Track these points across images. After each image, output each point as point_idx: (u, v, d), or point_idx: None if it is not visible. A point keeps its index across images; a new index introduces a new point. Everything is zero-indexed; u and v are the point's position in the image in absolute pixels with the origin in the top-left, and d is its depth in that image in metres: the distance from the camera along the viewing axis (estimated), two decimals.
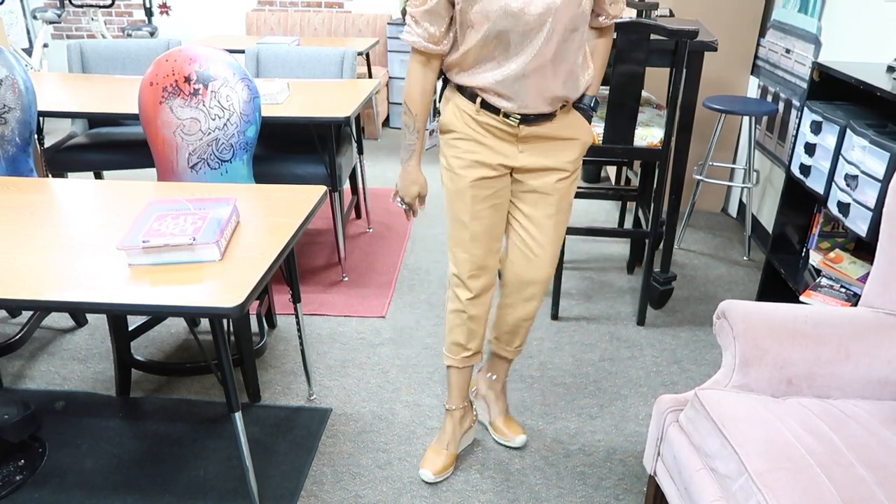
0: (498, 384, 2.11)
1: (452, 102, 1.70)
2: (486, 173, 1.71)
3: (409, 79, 1.67)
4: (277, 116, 2.62)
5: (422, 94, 1.67)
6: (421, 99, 1.68)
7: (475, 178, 1.71)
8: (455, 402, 1.98)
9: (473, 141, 1.69)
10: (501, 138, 1.68)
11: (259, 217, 1.79)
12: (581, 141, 1.75)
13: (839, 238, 2.45)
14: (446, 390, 2.31)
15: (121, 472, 1.94)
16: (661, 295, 2.81)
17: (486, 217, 1.75)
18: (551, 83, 1.60)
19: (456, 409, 1.99)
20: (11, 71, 2.27)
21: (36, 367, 2.41)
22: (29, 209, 1.85)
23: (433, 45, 1.60)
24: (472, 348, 1.90)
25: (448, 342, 1.92)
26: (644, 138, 2.44)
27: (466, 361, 1.92)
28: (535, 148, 1.71)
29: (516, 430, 2.08)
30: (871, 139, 1.92)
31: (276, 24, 5.50)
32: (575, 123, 1.73)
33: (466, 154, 1.70)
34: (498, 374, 2.09)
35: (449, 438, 1.98)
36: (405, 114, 1.70)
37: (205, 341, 2.57)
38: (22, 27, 5.85)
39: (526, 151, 1.70)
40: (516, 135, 1.68)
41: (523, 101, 1.61)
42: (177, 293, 1.43)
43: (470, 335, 1.88)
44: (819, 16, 2.94)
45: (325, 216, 3.71)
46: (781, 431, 1.35)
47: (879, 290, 1.62)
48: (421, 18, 1.57)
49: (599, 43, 1.75)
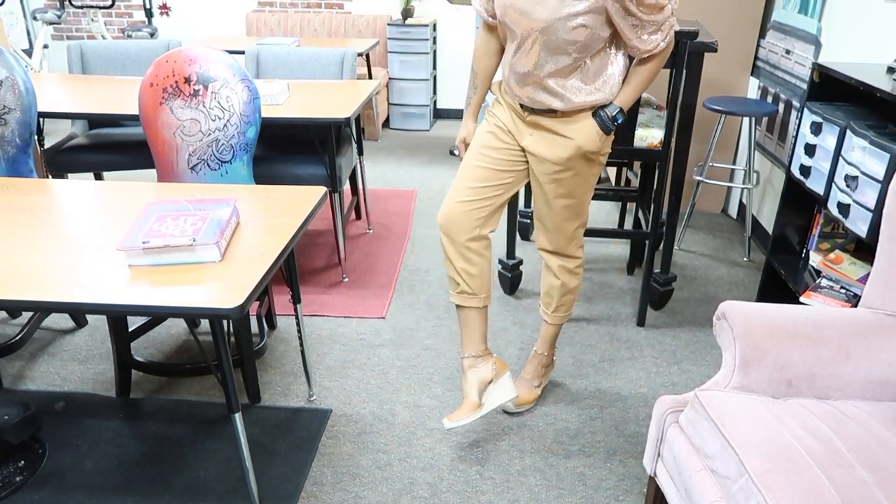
0: (537, 353, 2.24)
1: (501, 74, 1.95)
2: (506, 140, 1.94)
3: (476, 42, 1.98)
4: (277, 117, 2.62)
5: (483, 55, 1.98)
6: (482, 60, 1.98)
7: (491, 128, 1.96)
8: (464, 350, 2.05)
9: (503, 108, 1.94)
10: (518, 116, 1.91)
11: (259, 218, 1.79)
12: (576, 143, 1.83)
13: (839, 239, 2.45)
14: (447, 391, 2.31)
15: (121, 473, 1.94)
16: (661, 296, 2.81)
17: (488, 160, 1.94)
18: (532, 87, 1.80)
19: (465, 358, 2.05)
20: (11, 72, 2.28)
21: (36, 368, 2.41)
22: (29, 210, 1.85)
23: (490, 17, 1.88)
24: (462, 286, 1.99)
25: (448, 277, 2.06)
26: (644, 139, 2.45)
27: (466, 300, 2.00)
28: (539, 136, 1.88)
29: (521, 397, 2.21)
30: (871, 140, 1.92)
31: (276, 25, 5.51)
32: (577, 126, 1.83)
33: (495, 116, 1.97)
34: (541, 344, 2.23)
35: (464, 386, 2.04)
36: (472, 71, 2.03)
37: (205, 342, 2.57)
38: (22, 28, 5.86)
39: (533, 136, 1.89)
40: (523, 119, 1.89)
41: (514, 92, 1.85)
42: (177, 294, 1.43)
43: (458, 272, 1.98)
44: (819, 17, 2.95)
45: (325, 217, 3.71)
46: (781, 432, 1.35)
47: (879, 291, 1.62)
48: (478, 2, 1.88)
49: (641, 69, 1.80)
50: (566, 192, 1.93)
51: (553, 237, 2.05)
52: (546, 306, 2.18)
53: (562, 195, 1.94)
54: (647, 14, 1.62)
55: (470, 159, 1.97)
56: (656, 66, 1.78)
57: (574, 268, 2.10)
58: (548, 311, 2.17)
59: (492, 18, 1.87)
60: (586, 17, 1.61)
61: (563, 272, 2.10)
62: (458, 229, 1.94)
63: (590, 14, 1.61)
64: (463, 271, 1.97)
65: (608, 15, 1.63)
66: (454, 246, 1.96)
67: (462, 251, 1.96)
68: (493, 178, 1.95)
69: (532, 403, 2.24)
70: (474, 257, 1.97)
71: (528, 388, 2.24)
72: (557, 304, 2.14)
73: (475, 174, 1.95)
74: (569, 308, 2.17)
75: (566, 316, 2.18)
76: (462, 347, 2.06)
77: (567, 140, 1.83)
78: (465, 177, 1.96)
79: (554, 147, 1.86)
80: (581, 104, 1.78)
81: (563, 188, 1.92)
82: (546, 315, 2.19)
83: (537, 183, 1.96)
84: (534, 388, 2.25)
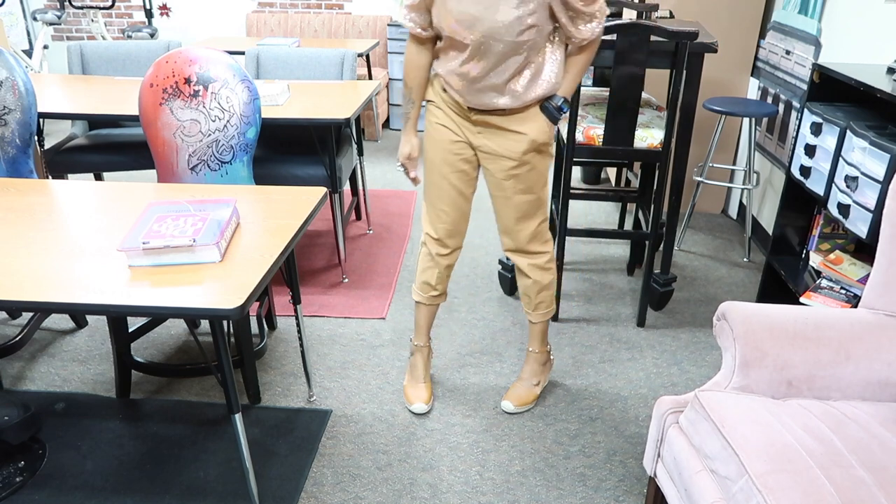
0: (529, 351, 2.28)
1: (435, 78, 1.98)
2: (453, 137, 1.97)
3: (406, 56, 1.96)
4: (277, 118, 2.62)
5: (415, 69, 1.95)
6: (414, 74, 1.96)
7: (446, 141, 1.98)
8: (423, 340, 2.28)
9: (445, 112, 1.97)
10: (462, 116, 1.94)
11: (259, 218, 1.79)
12: (529, 137, 1.91)
13: (839, 240, 2.45)
14: (447, 392, 2.31)
15: (121, 474, 1.94)
16: (661, 296, 2.81)
17: (452, 178, 2.01)
18: (486, 91, 1.84)
19: (424, 346, 2.28)
20: (11, 72, 2.28)
21: (36, 369, 2.41)
22: (29, 211, 1.85)
23: (422, 30, 1.87)
24: (439, 290, 2.19)
25: (420, 281, 2.19)
26: (644, 140, 2.45)
27: (433, 300, 2.21)
28: (489, 133, 1.94)
29: (512, 396, 2.25)
30: (872, 141, 1.92)
31: (277, 26, 5.51)
32: (528, 119, 1.90)
33: (438, 120, 1.98)
34: (531, 342, 2.27)
35: (423, 372, 2.28)
36: (404, 86, 2.00)
37: (205, 343, 2.57)
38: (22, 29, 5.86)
39: (482, 134, 1.94)
40: (469, 118, 1.93)
41: (470, 98, 1.87)
42: (177, 295, 1.43)
43: (439, 278, 2.16)
44: (819, 17, 2.95)
45: (325, 218, 3.71)
46: (781, 433, 1.35)
47: (880, 292, 1.62)
48: (409, 10, 1.86)
49: (578, 58, 1.89)
50: (525, 188, 1.98)
51: (518, 236, 2.07)
52: (527, 306, 2.20)
53: (521, 191, 1.98)
54: (585, 6, 1.74)
55: (435, 177, 2.03)
56: (592, 52, 1.88)
57: (544, 263, 2.12)
58: (529, 310, 2.20)
59: (424, 31, 1.87)
60: (535, 16, 1.70)
61: (533, 269, 2.12)
62: (443, 247, 2.11)
63: (537, 13, 1.70)
64: (442, 276, 2.16)
65: (551, 10, 1.73)
66: (440, 259, 2.12)
67: (447, 262, 2.14)
68: (464, 190, 2.04)
69: (532, 403, 2.24)
70: (452, 264, 2.16)
71: (528, 388, 2.24)
72: (536, 302, 2.17)
73: (448, 196, 2.04)
74: (549, 304, 2.19)
75: (549, 312, 2.20)
76: (417, 337, 2.27)
77: (520, 135, 1.90)
78: (439, 199, 2.05)
79: (507, 142, 1.92)
80: (531, 100, 1.85)
81: (521, 184, 1.97)
82: (529, 315, 2.22)
83: (495, 183, 2.00)
84: (533, 388, 2.25)
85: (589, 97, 2.88)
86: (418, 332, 2.27)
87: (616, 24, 2.23)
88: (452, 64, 1.84)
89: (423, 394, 2.23)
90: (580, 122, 2.52)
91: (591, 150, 2.48)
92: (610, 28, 2.22)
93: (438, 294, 2.20)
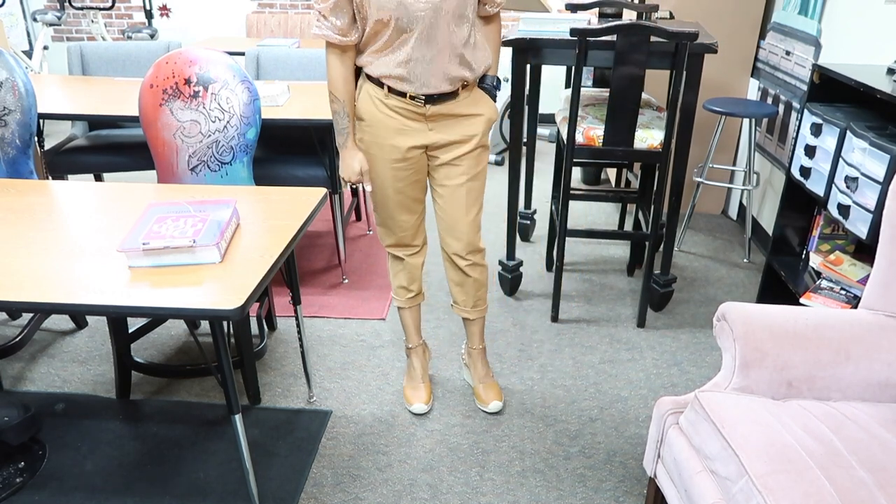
0: (474, 350, 2.28)
1: (364, 90, 1.87)
2: (401, 155, 1.91)
3: (329, 70, 1.83)
4: (278, 119, 2.62)
5: (343, 81, 1.83)
6: (343, 86, 1.84)
7: (393, 160, 1.92)
8: (414, 341, 2.29)
9: (385, 127, 1.88)
10: (411, 118, 1.87)
11: (259, 219, 1.79)
12: (485, 117, 1.93)
13: (839, 240, 2.45)
14: (447, 392, 2.31)
15: (121, 475, 1.94)
16: (661, 297, 2.81)
17: (407, 190, 1.99)
18: (447, 65, 1.78)
19: (417, 346, 2.30)
20: (11, 73, 2.28)
21: (36, 370, 2.41)
22: (29, 211, 1.85)
23: (342, 37, 1.76)
24: (415, 289, 2.20)
25: (395, 287, 2.20)
26: (644, 140, 2.45)
27: (412, 301, 2.22)
28: (443, 125, 1.90)
29: (491, 397, 2.24)
30: (872, 141, 1.92)
31: (277, 27, 5.51)
32: (478, 101, 1.92)
33: (380, 138, 1.90)
34: (471, 339, 2.27)
35: (421, 373, 2.29)
36: (333, 102, 1.86)
37: (205, 343, 2.57)
38: (22, 29, 5.86)
39: (435, 129, 1.90)
40: (424, 114, 1.86)
41: (422, 83, 1.79)
42: (177, 295, 1.43)
43: (411, 278, 2.17)
44: (819, 18, 2.95)
45: (325, 218, 3.71)
46: (781, 434, 1.35)
47: (880, 293, 1.62)
48: (328, 14, 1.72)
49: (490, 29, 1.94)
50: (476, 173, 1.98)
51: (466, 236, 2.03)
52: (464, 305, 2.18)
53: (473, 177, 1.97)
54: None
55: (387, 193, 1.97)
56: (499, 24, 1.95)
57: (481, 259, 2.11)
58: (467, 308, 2.19)
59: (344, 37, 1.75)
60: None
61: (473, 268, 2.10)
62: (410, 247, 2.12)
63: None
64: (415, 276, 2.17)
65: None
66: (411, 259, 2.14)
67: (418, 261, 2.16)
68: (419, 195, 2.03)
69: (501, 399, 2.25)
70: (423, 260, 2.19)
71: (492, 384, 2.28)
72: (475, 299, 2.17)
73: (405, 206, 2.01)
74: (486, 298, 2.20)
75: (486, 306, 2.22)
76: (409, 339, 2.29)
77: (476, 117, 1.91)
78: (397, 211, 2.02)
79: (464, 127, 1.91)
80: (482, 70, 1.88)
81: (474, 168, 1.96)
82: (468, 313, 2.20)
83: (447, 179, 1.96)
84: (493, 380, 2.29)
85: (589, 98, 2.88)
86: (409, 335, 2.28)
87: (616, 24, 2.23)
88: (399, 54, 1.75)
89: (423, 394, 2.24)
90: (580, 122, 2.52)
91: (590, 151, 2.48)
92: (610, 28, 2.22)
93: (415, 294, 2.20)
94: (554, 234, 3.20)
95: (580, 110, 2.67)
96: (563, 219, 2.60)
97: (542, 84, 3.68)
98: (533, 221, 3.46)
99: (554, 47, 2.47)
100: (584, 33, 2.26)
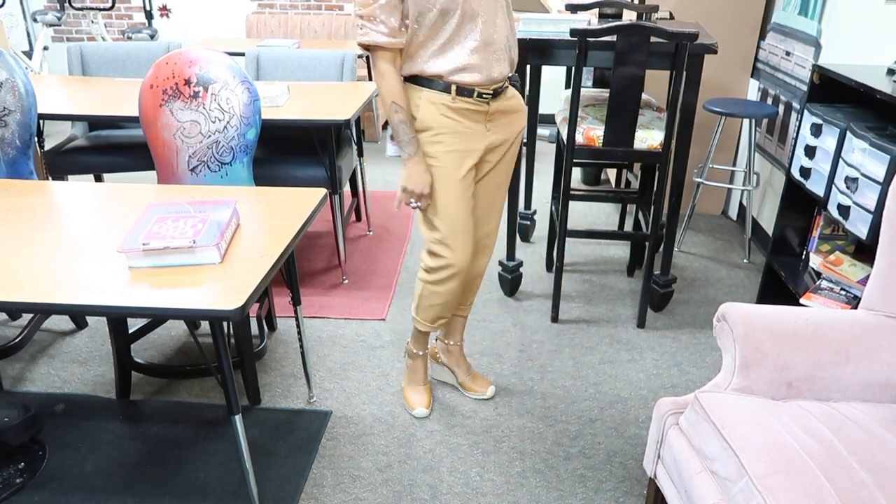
0: (456, 348, 2.30)
1: (426, 99, 1.79)
2: (473, 161, 1.87)
3: (384, 79, 1.74)
4: (277, 119, 2.62)
5: (402, 88, 1.77)
6: (403, 93, 1.77)
7: (467, 169, 1.86)
8: (423, 348, 2.24)
9: (453, 133, 1.82)
10: (475, 121, 1.85)
11: (259, 220, 1.79)
12: (524, 111, 1.99)
13: (839, 241, 2.45)
14: (447, 392, 2.31)
15: (121, 475, 1.94)
16: (661, 297, 2.81)
17: (469, 200, 1.92)
18: (503, 53, 1.79)
19: (425, 353, 2.25)
20: (11, 73, 2.28)
21: (36, 370, 2.41)
22: (29, 212, 1.85)
23: (392, 38, 1.69)
24: (449, 315, 2.10)
25: (431, 316, 2.06)
26: (644, 141, 2.45)
27: (442, 326, 2.16)
28: (498, 124, 1.90)
29: (485, 384, 2.30)
30: (872, 142, 1.92)
31: (277, 27, 5.51)
32: (515, 94, 1.95)
33: (453, 146, 1.83)
34: (454, 335, 2.28)
35: (423, 376, 2.27)
36: (397, 112, 1.76)
37: (205, 344, 2.57)
38: (22, 30, 5.86)
39: (492, 129, 1.90)
40: (486, 112, 1.85)
41: (489, 70, 1.77)
42: (177, 296, 1.43)
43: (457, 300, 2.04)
44: (819, 18, 2.95)
45: (325, 219, 3.71)
46: (782, 434, 1.35)
47: (880, 293, 1.62)
48: (379, 13, 1.65)
49: None
50: (508, 168, 2.01)
51: (491, 241, 2.09)
52: (462, 304, 2.21)
53: (506, 172, 2.01)
54: None
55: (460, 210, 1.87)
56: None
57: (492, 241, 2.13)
58: (465, 305, 2.22)
59: (394, 38, 1.69)
60: None
61: (487, 250, 2.13)
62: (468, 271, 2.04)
63: None
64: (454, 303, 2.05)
65: None
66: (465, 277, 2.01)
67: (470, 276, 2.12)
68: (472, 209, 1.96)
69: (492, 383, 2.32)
70: None
71: (478, 376, 2.32)
72: (476, 290, 2.20)
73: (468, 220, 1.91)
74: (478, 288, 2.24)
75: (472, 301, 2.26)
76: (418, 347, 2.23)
77: (521, 113, 1.96)
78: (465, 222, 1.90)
79: (513, 124, 1.94)
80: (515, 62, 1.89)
81: (510, 165, 2.00)
82: (464, 310, 2.23)
83: (490, 178, 1.98)
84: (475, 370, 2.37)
85: (589, 98, 2.88)
86: (418, 344, 2.21)
87: (616, 25, 2.23)
88: (468, 42, 1.71)
89: (425, 398, 2.24)
90: (580, 123, 2.52)
91: (591, 151, 2.48)
92: (610, 29, 2.22)
93: (447, 319, 2.13)
94: (554, 234, 3.20)
95: (580, 111, 2.67)
96: (563, 219, 2.60)
97: (542, 84, 3.68)
98: (533, 222, 3.46)
99: (554, 48, 2.47)
100: (584, 34, 2.27)
